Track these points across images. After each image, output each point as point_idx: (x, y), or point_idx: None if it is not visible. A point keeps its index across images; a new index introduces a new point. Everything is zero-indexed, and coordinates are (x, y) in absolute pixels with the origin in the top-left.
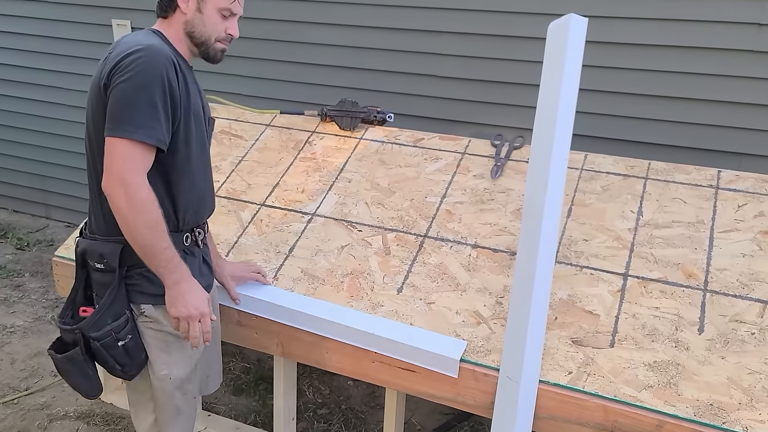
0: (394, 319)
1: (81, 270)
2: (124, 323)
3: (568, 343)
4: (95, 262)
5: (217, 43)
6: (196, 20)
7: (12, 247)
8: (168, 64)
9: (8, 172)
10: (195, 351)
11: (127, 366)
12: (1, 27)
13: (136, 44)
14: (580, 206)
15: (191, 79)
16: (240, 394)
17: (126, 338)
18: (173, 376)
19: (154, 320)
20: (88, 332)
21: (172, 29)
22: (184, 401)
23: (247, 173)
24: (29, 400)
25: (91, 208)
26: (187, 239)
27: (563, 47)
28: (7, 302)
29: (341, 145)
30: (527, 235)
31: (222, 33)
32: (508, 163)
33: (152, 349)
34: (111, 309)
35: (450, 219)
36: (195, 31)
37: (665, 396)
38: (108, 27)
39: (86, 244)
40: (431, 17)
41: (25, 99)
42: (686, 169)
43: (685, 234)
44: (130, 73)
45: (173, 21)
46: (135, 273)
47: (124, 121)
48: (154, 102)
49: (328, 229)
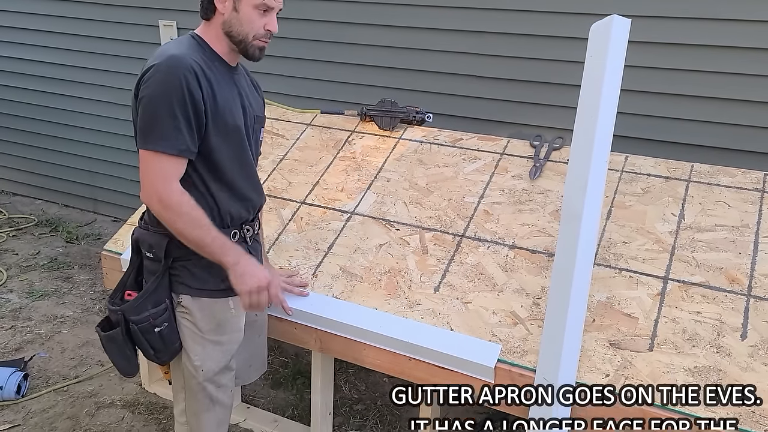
0: (430, 318)
1: (135, 256)
2: (162, 311)
3: (606, 345)
4: (146, 251)
5: (256, 40)
6: (233, 19)
7: (62, 240)
8: (188, 74)
9: (59, 168)
10: (230, 347)
11: (160, 352)
12: (54, 28)
13: (160, 56)
14: (620, 208)
15: (226, 80)
16: (278, 388)
17: (162, 325)
18: (205, 368)
19: (189, 312)
20: (128, 315)
21: (212, 30)
22: (218, 393)
23: (288, 171)
24: (78, 388)
25: None
26: (234, 236)
27: (605, 48)
28: (58, 293)
29: (380, 145)
30: (566, 237)
31: (260, 30)
32: (547, 164)
33: (187, 340)
34: (152, 296)
35: (488, 219)
36: (233, 30)
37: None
38: (155, 27)
39: (139, 233)
40: (472, 17)
41: (75, 97)
42: (731, 171)
43: (728, 238)
44: (151, 87)
45: (213, 22)
46: (179, 265)
47: (149, 134)
48: (175, 113)
49: (366, 228)
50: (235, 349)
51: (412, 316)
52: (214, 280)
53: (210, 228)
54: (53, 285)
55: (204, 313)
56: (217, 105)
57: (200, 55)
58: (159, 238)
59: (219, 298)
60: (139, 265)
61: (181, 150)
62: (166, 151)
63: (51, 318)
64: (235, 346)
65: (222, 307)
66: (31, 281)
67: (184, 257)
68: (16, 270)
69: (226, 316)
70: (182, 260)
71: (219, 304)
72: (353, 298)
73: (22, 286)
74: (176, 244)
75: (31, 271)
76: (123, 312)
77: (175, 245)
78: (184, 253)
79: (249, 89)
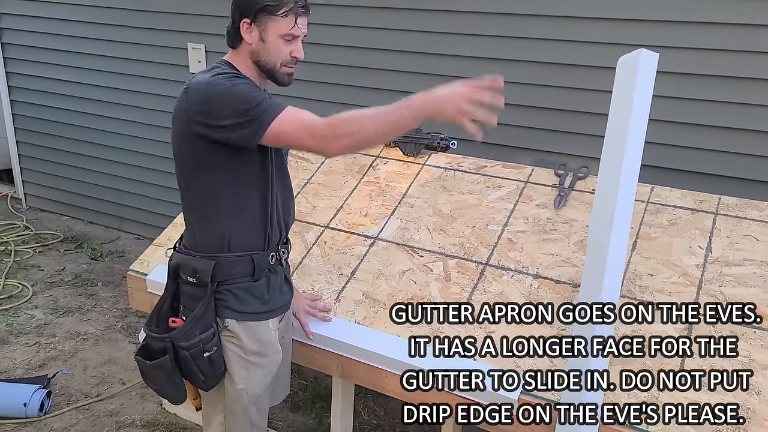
0: None
1: (172, 282)
2: (211, 336)
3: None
4: (188, 276)
5: (284, 67)
6: (260, 49)
7: (86, 257)
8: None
9: (86, 185)
10: (272, 368)
11: (209, 377)
12: (83, 49)
13: (204, 77)
14: (645, 240)
15: None
16: (297, 411)
17: (212, 350)
18: (250, 391)
19: (235, 336)
20: (178, 342)
21: (241, 59)
22: (259, 416)
23: (312, 195)
24: (99, 406)
25: (187, 228)
26: (273, 258)
27: (633, 82)
28: (82, 310)
29: (405, 171)
30: (592, 268)
31: (287, 57)
32: (572, 193)
33: (232, 364)
34: (201, 321)
35: (511, 248)
36: (261, 60)
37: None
38: (183, 50)
39: (180, 259)
40: (498, 45)
41: (103, 117)
42: (759, 205)
43: (757, 273)
44: (215, 93)
45: (241, 51)
46: (224, 289)
47: (255, 114)
48: (250, 89)
49: (390, 254)
50: (275, 370)
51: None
52: (256, 302)
53: (369, 113)
54: (77, 301)
55: (249, 335)
56: None
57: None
58: (204, 262)
59: (261, 320)
60: (174, 291)
61: (280, 103)
62: (278, 111)
63: (74, 335)
64: (276, 368)
65: (264, 329)
66: (56, 297)
67: (228, 280)
68: (41, 286)
69: (268, 337)
70: (227, 284)
71: (261, 327)
72: (376, 324)
73: (47, 302)
74: (221, 268)
75: (56, 287)
76: (172, 339)
77: (219, 269)
78: (228, 276)
79: None
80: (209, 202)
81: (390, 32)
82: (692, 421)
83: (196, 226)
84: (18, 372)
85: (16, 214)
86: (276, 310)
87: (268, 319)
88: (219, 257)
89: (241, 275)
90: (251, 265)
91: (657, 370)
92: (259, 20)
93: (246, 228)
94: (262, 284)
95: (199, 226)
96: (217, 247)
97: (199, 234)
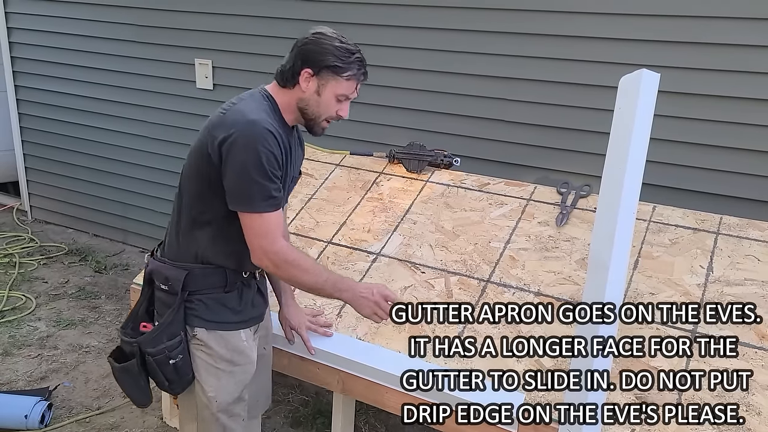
0: None
1: (147, 287)
2: (177, 343)
3: (632, 400)
4: (160, 283)
5: (324, 122)
6: (312, 100)
7: (91, 269)
8: (270, 137)
9: (91, 198)
10: (244, 377)
11: (174, 383)
12: (91, 63)
13: (238, 118)
14: (647, 259)
15: (294, 144)
16: (298, 426)
17: (177, 357)
18: (219, 399)
19: (204, 344)
20: (144, 347)
21: (286, 99)
22: (231, 422)
23: (316, 211)
24: (100, 420)
25: (168, 236)
26: (246, 272)
27: (634, 102)
28: (84, 323)
29: (408, 187)
30: (593, 287)
31: (333, 114)
32: (574, 211)
33: (201, 372)
34: (168, 329)
35: (513, 265)
36: (309, 110)
37: None
38: (191, 65)
39: (155, 266)
40: (502, 64)
41: (110, 131)
42: (760, 225)
43: (758, 293)
44: (240, 152)
45: (291, 94)
46: (195, 298)
47: (249, 198)
48: (268, 175)
49: (392, 270)
50: (248, 380)
51: (436, 361)
52: (227, 312)
53: (320, 270)
54: (80, 314)
55: (219, 344)
56: (288, 169)
57: (274, 119)
58: (177, 271)
59: (232, 330)
60: (150, 296)
61: (277, 206)
62: (268, 210)
63: (76, 347)
64: (248, 377)
65: (236, 338)
66: (59, 310)
67: (200, 291)
68: (45, 298)
69: (240, 346)
70: (198, 294)
71: (233, 337)
72: (377, 340)
73: (50, 315)
74: (193, 278)
75: (59, 300)
76: (139, 344)
77: (191, 279)
78: (200, 287)
79: (295, 147)
80: (199, 224)
81: (394, 49)
82: (692, 421)
83: (179, 239)
84: (20, 384)
85: (22, 226)
86: (248, 321)
87: (240, 329)
88: (191, 267)
89: (213, 286)
90: (224, 277)
91: (657, 370)
92: (323, 75)
93: (226, 253)
94: (234, 296)
95: (181, 239)
96: (191, 259)
97: (176, 246)
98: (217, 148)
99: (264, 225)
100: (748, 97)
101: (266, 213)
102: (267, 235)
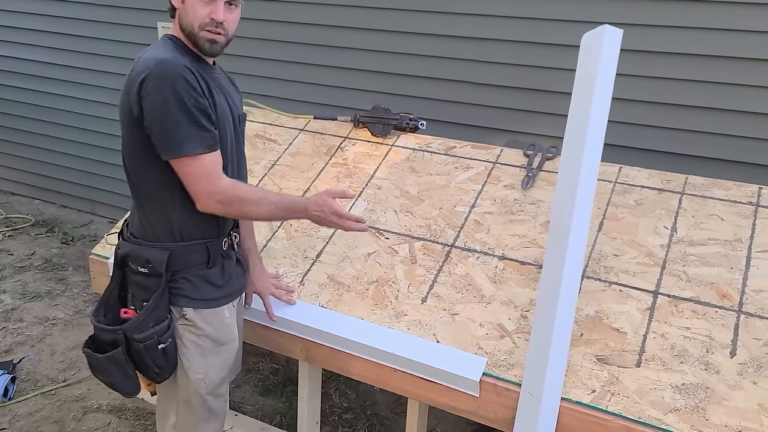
0: (417, 329)
1: (118, 271)
2: (166, 327)
3: (593, 360)
4: (138, 266)
5: (203, 31)
6: (182, 12)
7: (58, 241)
8: (185, 72)
9: (57, 168)
10: (228, 356)
11: (162, 368)
12: (51, 28)
13: (152, 60)
14: (611, 220)
15: (223, 80)
16: (267, 395)
17: (167, 342)
18: (208, 380)
19: (194, 324)
20: (131, 334)
21: (177, 28)
22: (217, 403)
23: (279, 177)
24: (66, 392)
25: (134, 214)
26: (225, 243)
27: (596, 59)
28: (51, 295)
29: (373, 152)
30: (554, 249)
31: (205, 18)
32: (540, 173)
33: (190, 353)
34: (154, 313)
35: (478, 229)
36: (183, 23)
37: (692, 420)
38: (153, 29)
39: (129, 248)
40: (468, 23)
41: (73, 98)
42: (725, 184)
43: (721, 252)
44: (156, 93)
45: (176, 20)
46: (179, 277)
47: (177, 141)
48: (191, 112)
49: (355, 236)
50: (233, 358)
51: (398, 327)
52: (211, 289)
53: (270, 197)
54: (46, 286)
55: (206, 323)
56: (215, 101)
57: (184, 55)
58: (158, 252)
59: (218, 307)
60: (121, 280)
61: (211, 145)
62: (202, 151)
63: (42, 320)
64: (233, 355)
65: (221, 316)
66: (25, 282)
67: (184, 268)
68: (10, 270)
69: (224, 323)
70: (182, 273)
71: (218, 314)
72: (340, 307)
73: (16, 287)
74: (176, 257)
75: (25, 272)
76: (124, 331)
77: (174, 258)
78: (183, 266)
79: (229, 87)
80: (155, 194)
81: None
82: (654, 399)
83: (149, 215)
84: None
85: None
86: (232, 294)
87: (225, 303)
88: (173, 246)
89: (196, 263)
90: (206, 253)
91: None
92: None
93: (197, 218)
94: (217, 271)
95: (151, 215)
96: (169, 237)
97: (146, 223)
98: (137, 101)
99: (201, 167)
100: (713, 54)
101: (200, 154)
102: (206, 176)
